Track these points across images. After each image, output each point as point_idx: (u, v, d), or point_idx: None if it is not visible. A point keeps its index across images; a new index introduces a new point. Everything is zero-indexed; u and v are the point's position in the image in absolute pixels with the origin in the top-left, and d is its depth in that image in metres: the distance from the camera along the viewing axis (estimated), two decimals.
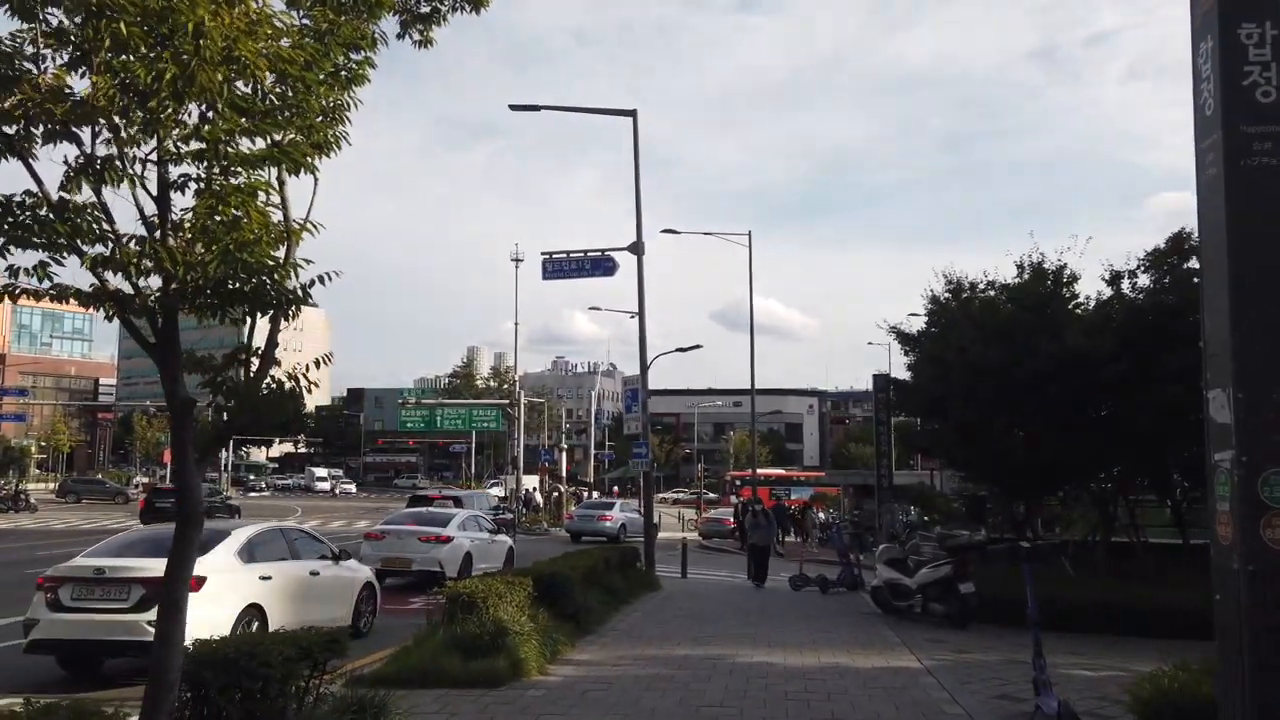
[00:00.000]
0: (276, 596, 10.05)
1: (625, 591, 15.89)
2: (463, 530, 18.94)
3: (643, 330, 22.49)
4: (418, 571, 17.61)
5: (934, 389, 16.10)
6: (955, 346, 15.17)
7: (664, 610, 14.85)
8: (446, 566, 17.46)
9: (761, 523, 20.59)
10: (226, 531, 10.30)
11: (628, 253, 22.63)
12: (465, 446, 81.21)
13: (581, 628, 12.07)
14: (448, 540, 18.11)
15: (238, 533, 10.33)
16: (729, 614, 14.47)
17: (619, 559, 16.99)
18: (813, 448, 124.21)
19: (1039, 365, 13.99)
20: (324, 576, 11.20)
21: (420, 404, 57.93)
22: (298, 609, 10.21)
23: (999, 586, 13.35)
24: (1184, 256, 14.83)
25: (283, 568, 10.48)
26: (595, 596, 14.06)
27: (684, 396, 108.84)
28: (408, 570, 17.83)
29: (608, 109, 23.49)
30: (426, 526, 18.65)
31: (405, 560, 17.73)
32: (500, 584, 10.17)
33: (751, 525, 20.64)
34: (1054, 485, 17.15)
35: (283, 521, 14.66)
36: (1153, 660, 8.14)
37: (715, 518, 45.12)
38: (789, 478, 73.74)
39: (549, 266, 23.10)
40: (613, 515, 36.43)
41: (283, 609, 10.02)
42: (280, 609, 9.97)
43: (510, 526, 31.60)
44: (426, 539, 17.99)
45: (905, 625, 13.31)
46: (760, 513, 21.09)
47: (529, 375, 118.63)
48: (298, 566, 10.84)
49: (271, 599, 9.93)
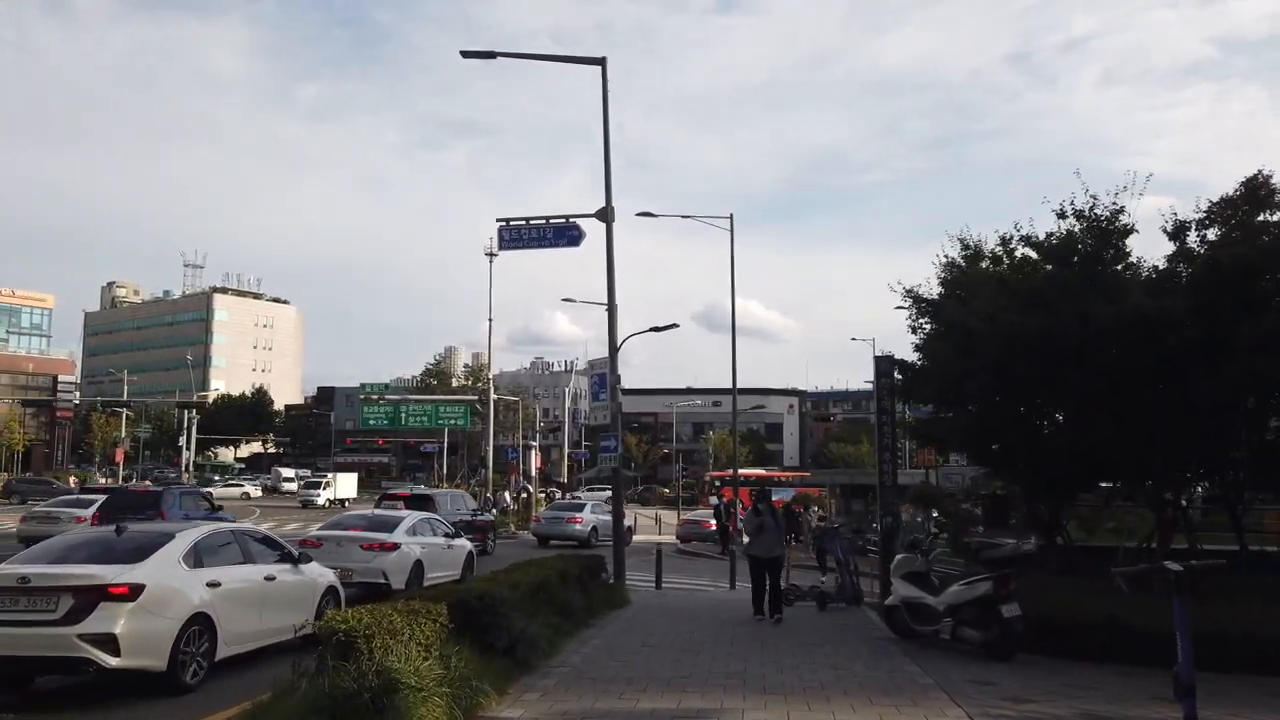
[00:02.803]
0: (227, 605, 9.36)
1: (585, 611, 13.12)
2: (413, 535, 17.13)
3: (612, 309, 19.73)
4: (359, 584, 15.49)
5: (956, 366, 13.40)
6: (982, 314, 12.47)
7: (631, 635, 12.10)
8: (392, 577, 15.78)
9: (769, 525, 13.75)
10: (171, 534, 9.57)
11: (595, 220, 19.88)
12: (437, 446, 78.22)
13: (520, 664, 9.30)
14: (393, 548, 16.30)
15: (184, 535, 9.59)
16: (711, 640, 11.73)
17: (580, 569, 14.23)
18: (792, 448, 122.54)
19: (1090, 333, 11.33)
20: (281, 581, 10.56)
21: (384, 400, 54.73)
22: (251, 617, 9.71)
23: (1037, 602, 10.69)
24: (1259, 206, 12.30)
25: (235, 573, 9.81)
26: (545, 619, 11.28)
27: (662, 396, 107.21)
28: (348, 582, 14.96)
29: (574, 57, 20.70)
30: (370, 532, 16.76)
31: (344, 570, 15.18)
32: (398, 613, 7.40)
33: (754, 529, 13.90)
34: (1096, 480, 14.47)
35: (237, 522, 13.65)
36: None
37: (694, 519, 42.63)
38: (769, 478, 71.52)
39: (505, 235, 20.24)
40: (583, 517, 33.85)
41: (234, 618, 9.43)
42: (231, 618, 9.38)
43: (491, 530, 29.24)
44: (369, 546, 16.20)
45: (933, 657, 10.60)
46: (766, 511, 13.85)
47: (505, 374, 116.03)
48: (252, 571, 10.19)
49: (221, 607, 9.24)
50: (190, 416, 77.37)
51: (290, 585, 10.73)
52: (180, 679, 8.58)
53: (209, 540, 9.83)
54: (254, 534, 11.23)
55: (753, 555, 13.92)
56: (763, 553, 13.70)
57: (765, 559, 13.70)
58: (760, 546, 13.78)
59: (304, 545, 16.23)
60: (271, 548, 11.00)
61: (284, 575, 10.67)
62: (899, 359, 17.25)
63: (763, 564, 13.72)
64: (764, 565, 13.70)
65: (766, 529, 13.71)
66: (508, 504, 46.44)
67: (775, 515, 13.96)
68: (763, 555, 13.70)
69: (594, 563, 15.42)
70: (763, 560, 13.72)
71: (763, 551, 13.70)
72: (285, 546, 11.28)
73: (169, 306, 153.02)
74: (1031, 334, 11.58)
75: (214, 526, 10.65)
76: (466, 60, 18.24)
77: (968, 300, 13.88)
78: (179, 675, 8.57)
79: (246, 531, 11.15)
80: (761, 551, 13.72)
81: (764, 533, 13.70)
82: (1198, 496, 14.82)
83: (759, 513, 13.88)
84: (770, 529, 13.69)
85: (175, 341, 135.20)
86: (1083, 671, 9.98)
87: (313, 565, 11.60)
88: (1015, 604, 10.36)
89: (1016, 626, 10.28)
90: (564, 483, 67.37)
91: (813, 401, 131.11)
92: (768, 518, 13.74)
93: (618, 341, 20.31)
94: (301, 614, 10.50)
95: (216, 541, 10.00)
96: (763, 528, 13.72)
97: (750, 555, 14.01)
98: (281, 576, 10.60)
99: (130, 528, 9.89)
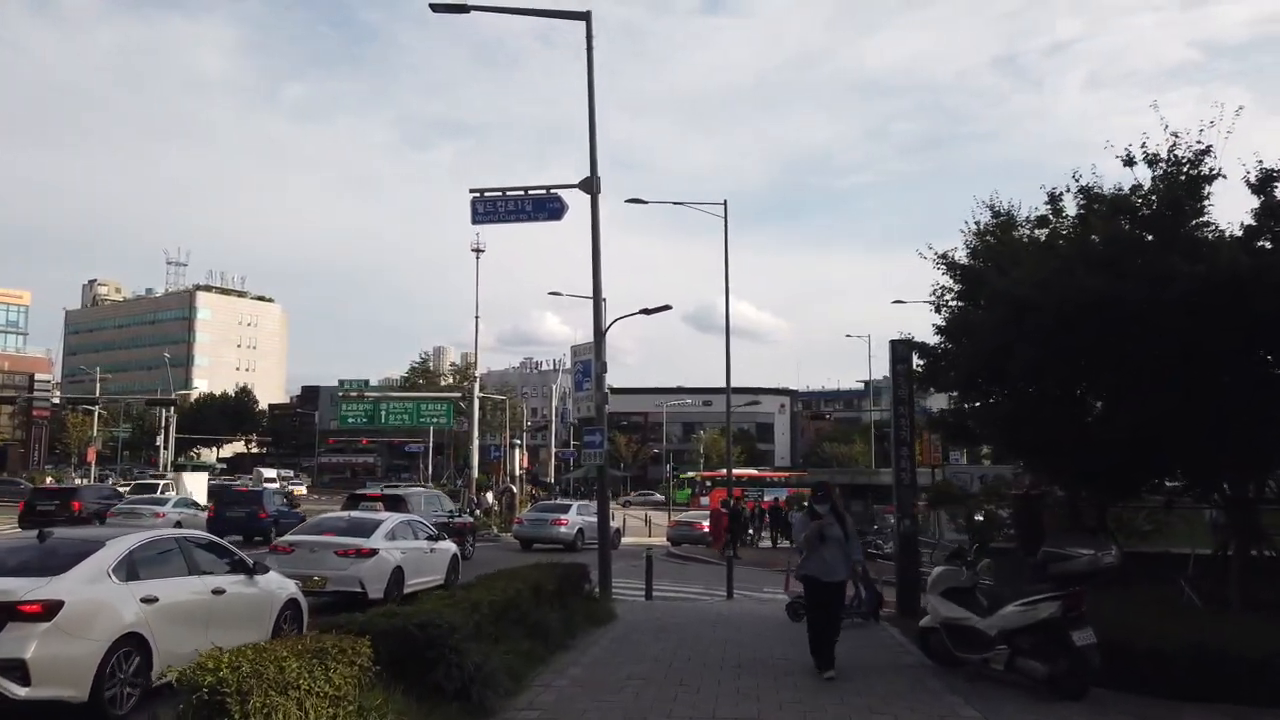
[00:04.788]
0: (165, 623, 8.27)
1: (562, 631, 11.15)
2: (392, 539, 15.86)
3: (597, 288, 17.78)
4: (334, 593, 14.53)
5: (995, 342, 11.43)
6: (1035, 279, 10.48)
7: (616, 662, 10.11)
8: (369, 585, 14.70)
9: (832, 534, 9.65)
10: (100, 541, 8.52)
11: (579, 191, 17.94)
12: (422, 447, 76.08)
13: (475, 711, 7.34)
14: (371, 553, 15.10)
15: (115, 543, 8.51)
16: (713, 669, 9.76)
17: (558, 581, 12.27)
18: (784, 448, 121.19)
19: (1165, 297, 9.39)
20: (233, 595, 9.48)
21: (363, 397, 52.54)
22: (195, 636, 8.41)
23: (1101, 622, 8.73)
24: None
25: (176, 585, 8.74)
26: (512, 646, 9.34)
27: (652, 395, 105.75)
28: (321, 590, 14.36)
29: (556, 11, 18.74)
30: (345, 537, 15.52)
31: (317, 578, 14.48)
32: (295, 656, 5.43)
33: (812, 539, 9.68)
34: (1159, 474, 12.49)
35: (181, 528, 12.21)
36: None
37: (686, 521, 40.70)
38: (762, 478, 69.76)
39: (479, 208, 18.21)
40: (568, 519, 31.77)
41: (174, 638, 8.25)
42: (170, 638, 8.21)
43: (470, 533, 27.52)
44: (344, 552, 14.99)
45: (987, 694, 8.66)
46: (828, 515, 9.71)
47: (493, 373, 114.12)
48: (197, 584, 9.08)
49: (158, 626, 8.15)
50: (168, 416, 75.05)
51: (243, 599, 9.71)
52: (105, 710, 7.46)
53: (146, 549, 8.75)
54: (202, 541, 10.11)
55: (809, 578, 9.76)
56: (823, 574, 9.62)
57: (827, 583, 9.67)
58: (818, 564, 9.63)
59: (274, 551, 15.46)
60: (222, 556, 9.96)
61: (236, 587, 9.65)
62: (919, 342, 15.34)
63: (824, 591, 9.68)
64: (826, 593, 9.70)
65: (829, 540, 9.61)
66: (490, 505, 44.44)
67: (843, 521, 9.76)
68: (823, 578, 9.63)
69: (575, 572, 13.46)
70: (823, 585, 9.66)
71: (823, 572, 9.62)
72: (238, 554, 10.21)
73: (151, 305, 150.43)
74: (1099, 300, 9.62)
75: (153, 533, 9.61)
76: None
77: (1007, 269, 11.95)
78: (104, 706, 7.44)
79: (193, 538, 10.03)
80: (821, 572, 9.62)
81: (825, 545, 9.61)
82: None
83: (817, 515, 9.75)
84: (834, 540, 9.63)
85: (157, 340, 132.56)
86: (1174, 713, 8.06)
87: (270, 575, 10.58)
88: (1089, 629, 8.40)
89: (1091, 658, 8.32)
90: (550, 482, 65.26)
91: (804, 401, 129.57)
92: (830, 524, 9.63)
93: (604, 325, 18.36)
94: (256, 630, 9.57)
95: (155, 550, 8.92)
96: (823, 538, 9.60)
97: (805, 578, 9.85)
98: (233, 589, 9.56)
99: (56, 533, 8.91)
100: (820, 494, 10.18)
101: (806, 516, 10.08)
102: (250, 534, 27.77)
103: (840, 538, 9.67)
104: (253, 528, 28.24)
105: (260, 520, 28.47)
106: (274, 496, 32.29)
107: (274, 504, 30.55)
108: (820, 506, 9.87)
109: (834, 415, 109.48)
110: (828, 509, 9.78)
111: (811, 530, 9.71)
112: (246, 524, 28.57)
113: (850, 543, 9.79)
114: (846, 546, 9.75)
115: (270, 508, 29.60)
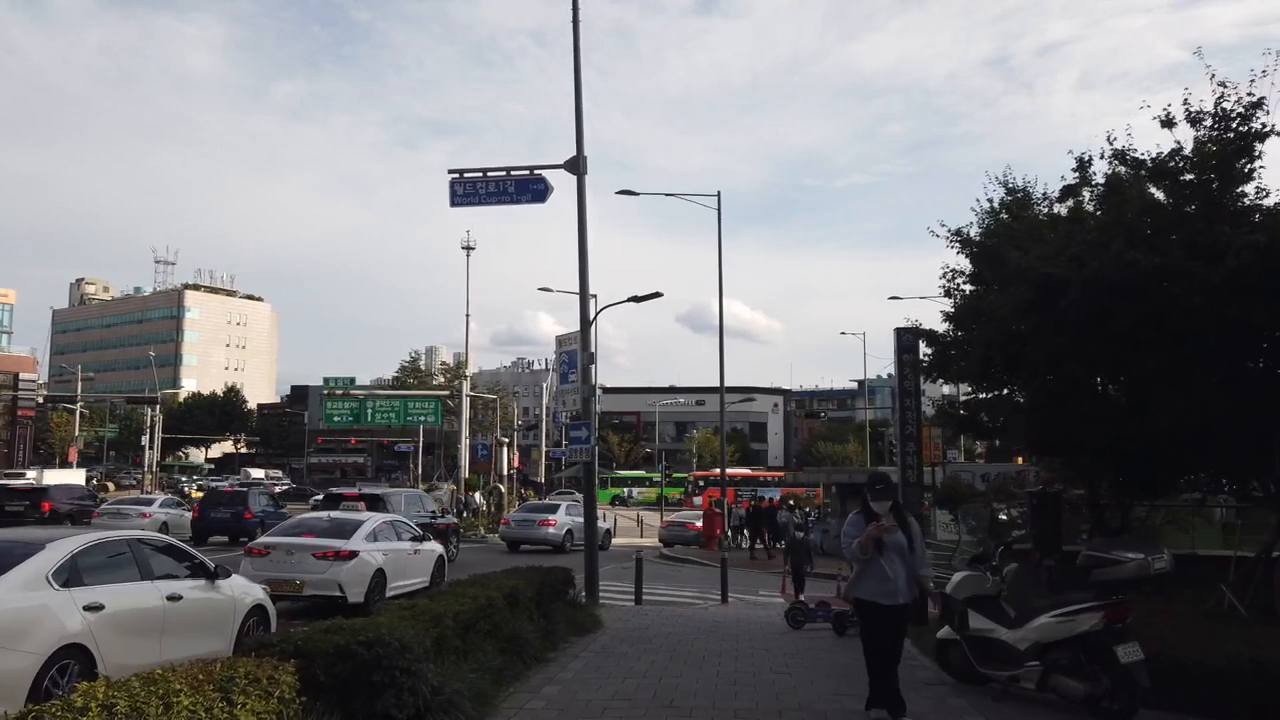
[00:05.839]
0: (111, 632, 7.55)
1: (541, 643, 10.09)
2: (373, 541, 15.19)
3: (584, 273, 16.76)
4: (312, 597, 14.01)
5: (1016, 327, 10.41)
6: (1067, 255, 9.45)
7: (600, 680, 9.06)
8: (348, 589, 14.04)
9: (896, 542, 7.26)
10: (39, 544, 7.78)
11: (565, 172, 16.93)
12: (412, 446, 74.90)
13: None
14: (350, 556, 14.41)
15: (56, 545, 7.75)
16: (708, 690, 8.71)
17: (538, 587, 11.23)
18: (777, 447, 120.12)
19: (1221, 273, 8.38)
20: (190, 601, 8.78)
21: (348, 394, 51.37)
22: (147, 647, 7.88)
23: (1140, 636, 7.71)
24: None
25: (125, 591, 8.02)
26: (482, 662, 8.31)
27: (645, 395, 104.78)
28: (298, 595, 13.94)
29: None
30: (324, 539, 14.78)
31: (294, 582, 13.97)
32: (189, 687, 4.39)
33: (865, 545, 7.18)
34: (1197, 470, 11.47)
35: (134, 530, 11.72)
36: None
37: (678, 521, 39.69)
38: (755, 477, 68.81)
39: (458, 189, 17.14)
40: (556, 519, 30.74)
41: (122, 649, 7.59)
42: (117, 649, 7.53)
43: (454, 534, 26.58)
44: (323, 555, 14.32)
45: (1017, 716, 7.65)
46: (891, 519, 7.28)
47: (485, 372, 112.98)
48: (149, 590, 8.33)
49: (103, 636, 7.44)
50: (153, 415, 73.83)
51: (202, 605, 9.04)
52: None
53: (91, 552, 8.01)
54: (157, 543, 9.36)
55: (865, 602, 7.25)
56: (883, 596, 7.12)
57: (889, 608, 7.13)
58: (877, 583, 7.14)
59: (248, 553, 14.90)
60: (181, 560, 9.28)
61: (194, 593, 8.96)
62: (927, 329, 14.34)
63: (884, 618, 7.18)
64: (888, 622, 7.20)
65: (890, 550, 7.14)
66: (478, 505, 43.39)
67: (907, 526, 7.30)
68: (883, 601, 7.12)
69: (557, 577, 12.42)
70: (884, 611, 7.14)
71: (883, 594, 7.12)
72: (198, 558, 9.52)
73: (139, 304, 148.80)
74: (1140, 275, 8.59)
75: (100, 534, 8.78)
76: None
77: (1026, 248, 10.94)
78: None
79: (147, 540, 9.23)
80: (881, 594, 7.13)
81: (885, 557, 7.13)
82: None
83: (874, 516, 7.26)
84: (896, 550, 7.15)
85: (145, 339, 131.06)
86: None
87: (234, 580, 9.91)
88: (1135, 644, 7.38)
89: (1139, 676, 7.29)
90: (540, 482, 64.14)
91: (797, 400, 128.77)
92: (892, 528, 7.17)
93: (590, 314, 17.32)
94: (217, 640, 9.05)
95: (103, 553, 8.18)
96: (881, 547, 7.14)
97: (860, 602, 7.33)
98: (190, 595, 8.87)
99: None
100: (880, 488, 7.44)
101: (859, 516, 7.42)
102: (236, 535, 27.11)
103: (904, 546, 7.16)
104: (238, 528, 27.48)
105: (246, 521, 27.70)
106: (259, 497, 31.34)
107: (260, 504, 29.82)
108: (878, 504, 7.26)
109: (828, 415, 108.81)
110: (894, 511, 7.25)
111: (866, 536, 7.13)
112: (232, 524, 27.95)
113: (915, 553, 7.25)
114: (911, 559, 7.21)
115: (256, 508, 28.97)
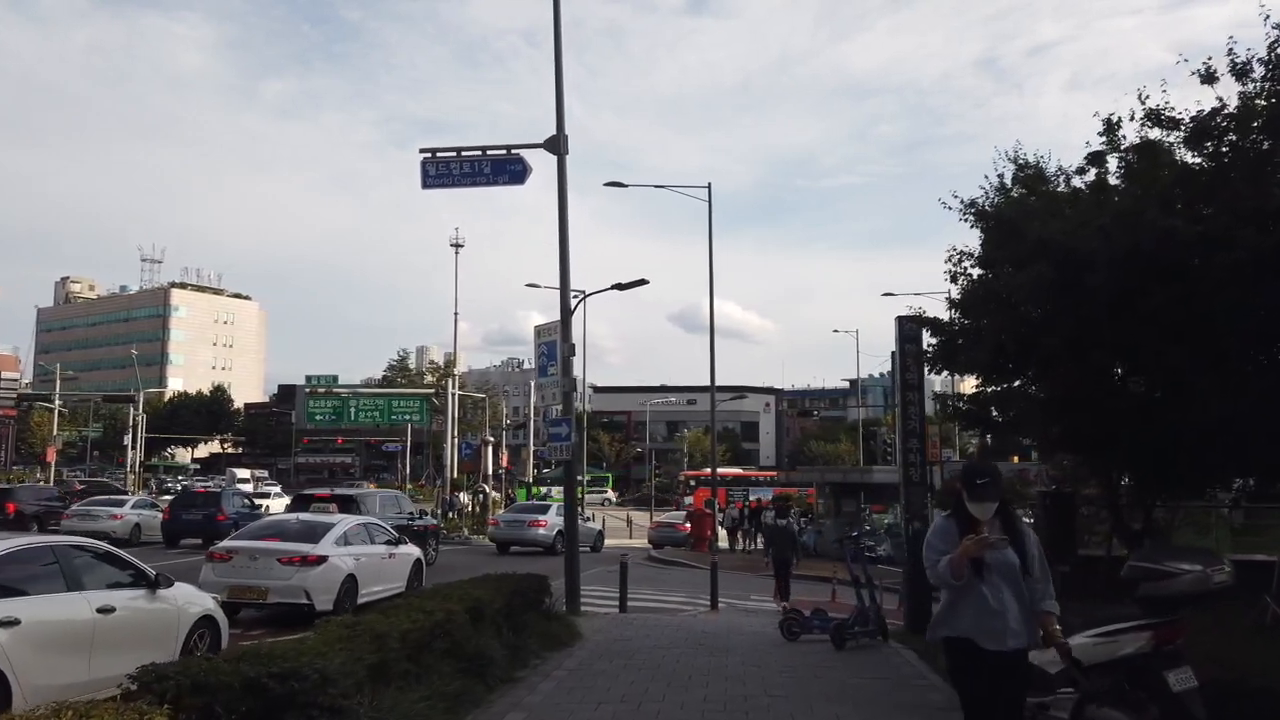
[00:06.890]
0: (29, 650, 6.83)
1: (508, 662, 9.05)
2: (345, 545, 14.47)
3: (564, 257, 15.78)
4: (276, 605, 13.42)
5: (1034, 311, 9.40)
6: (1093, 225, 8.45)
7: (572, 705, 7.98)
8: (316, 596, 13.32)
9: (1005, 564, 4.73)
10: None
11: (544, 150, 15.93)
12: (400, 446, 73.77)
13: None
14: (319, 561, 13.65)
15: None
16: (694, 714, 7.68)
17: (508, 597, 10.20)
18: (769, 447, 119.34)
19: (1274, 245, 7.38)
20: (125, 613, 8.05)
21: (330, 392, 50.25)
22: (73, 665, 7.18)
23: None
24: None
25: (47, 604, 7.29)
26: (435, 688, 7.27)
27: (635, 394, 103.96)
28: (262, 603, 13.35)
29: None
30: (290, 543, 14.05)
31: (259, 589, 13.33)
32: None
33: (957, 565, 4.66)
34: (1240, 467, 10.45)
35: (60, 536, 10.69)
36: None
37: (667, 522, 38.69)
38: (747, 477, 67.82)
39: (430, 169, 16.09)
40: (546, 521, 29.97)
41: (42, 668, 6.85)
42: (37, 668, 6.79)
43: (433, 537, 25.56)
44: (289, 560, 13.59)
45: None
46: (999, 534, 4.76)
47: (474, 371, 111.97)
48: (76, 601, 7.61)
49: (19, 654, 6.71)
50: (136, 415, 72.49)
51: (139, 617, 8.32)
52: None
53: (9, 560, 7.39)
54: (94, 550, 8.52)
55: (958, 640, 4.84)
56: (987, 637, 4.71)
57: (996, 653, 4.70)
58: (979, 617, 4.75)
59: (210, 558, 14.05)
60: (118, 567, 8.57)
61: (130, 604, 8.24)
62: (931, 318, 13.33)
63: (991, 668, 4.72)
64: (996, 672, 4.72)
65: (996, 572, 4.76)
66: (464, 506, 42.32)
67: (1022, 540, 4.84)
68: (987, 644, 4.70)
69: (532, 585, 11.41)
70: (988, 656, 4.71)
71: (987, 634, 4.71)
72: (137, 565, 8.79)
73: (125, 302, 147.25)
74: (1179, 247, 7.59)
75: (19, 540, 8.08)
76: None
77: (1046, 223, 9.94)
78: None
79: (78, 546, 8.43)
80: (984, 633, 4.72)
81: (988, 582, 4.74)
82: None
83: (973, 525, 4.78)
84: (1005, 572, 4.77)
85: (131, 338, 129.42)
86: None
87: (179, 589, 9.19)
88: (1187, 668, 6.34)
89: (1193, 707, 6.26)
90: (528, 482, 62.99)
91: (789, 400, 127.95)
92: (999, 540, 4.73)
93: (570, 303, 16.28)
94: (158, 655, 7.68)
95: (22, 561, 7.56)
96: (981, 569, 4.73)
97: (952, 641, 4.90)
98: (126, 606, 8.13)
99: None
100: (984, 482, 4.81)
101: (948, 523, 4.97)
102: (209, 537, 25.57)
103: (1014, 566, 4.78)
104: (211, 531, 25.93)
105: (219, 523, 26.40)
106: (234, 498, 30.34)
107: (234, 506, 28.81)
108: (979, 506, 4.79)
109: (820, 414, 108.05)
110: (993, 511, 4.81)
111: (961, 553, 4.69)
112: (203, 527, 26.74)
113: (1033, 576, 4.82)
114: (1027, 584, 4.81)
115: (230, 510, 28.00)
